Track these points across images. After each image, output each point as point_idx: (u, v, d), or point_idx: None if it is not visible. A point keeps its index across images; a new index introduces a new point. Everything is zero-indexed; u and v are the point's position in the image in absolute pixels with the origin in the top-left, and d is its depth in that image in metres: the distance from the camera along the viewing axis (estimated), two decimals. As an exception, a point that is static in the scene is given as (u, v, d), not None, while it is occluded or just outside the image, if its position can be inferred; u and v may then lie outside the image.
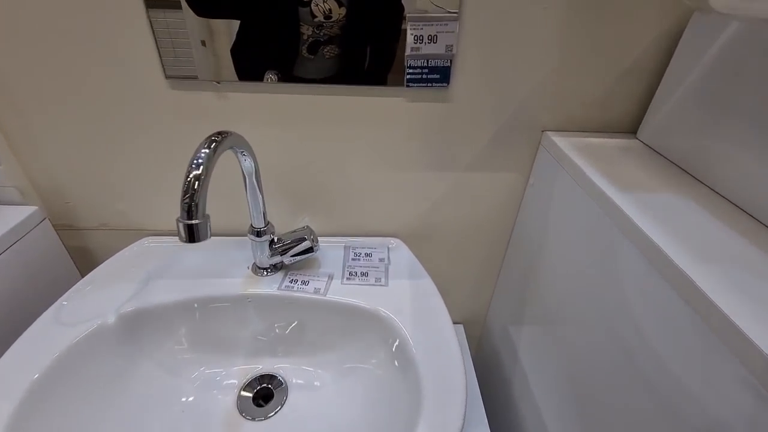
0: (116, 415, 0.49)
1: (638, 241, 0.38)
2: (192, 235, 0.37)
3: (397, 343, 0.51)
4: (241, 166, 0.48)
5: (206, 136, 0.40)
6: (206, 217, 0.37)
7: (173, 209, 0.62)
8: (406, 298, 0.56)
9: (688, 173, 0.48)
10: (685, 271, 0.32)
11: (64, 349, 0.47)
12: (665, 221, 0.39)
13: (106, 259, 0.59)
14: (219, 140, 0.40)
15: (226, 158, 0.44)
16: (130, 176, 0.59)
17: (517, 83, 0.53)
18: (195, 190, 0.37)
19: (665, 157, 0.51)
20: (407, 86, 0.51)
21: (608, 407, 0.44)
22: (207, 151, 0.39)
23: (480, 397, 0.66)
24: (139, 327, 0.53)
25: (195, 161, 0.38)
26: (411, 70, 0.50)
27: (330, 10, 0.46)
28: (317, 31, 0.47)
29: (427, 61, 0.50)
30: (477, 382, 0.68)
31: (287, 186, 0.61)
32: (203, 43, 0.48)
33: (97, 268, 0.57)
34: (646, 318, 0.38)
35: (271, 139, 0.55)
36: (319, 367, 0.59)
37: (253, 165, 0.48)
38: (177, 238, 0.64)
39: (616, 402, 0.42)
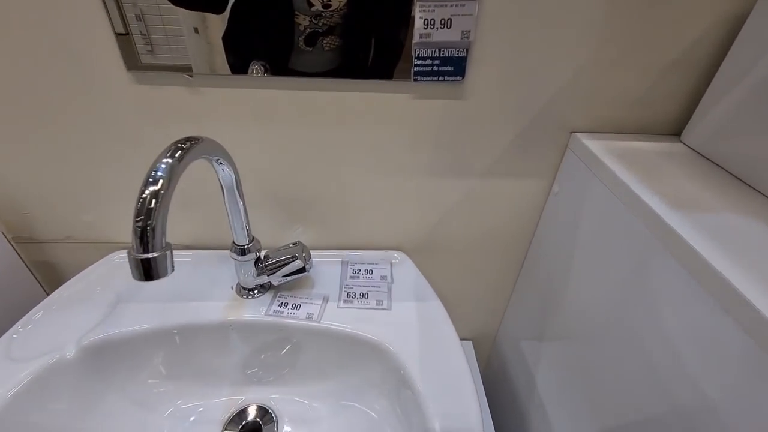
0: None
1: (701, 274, 0.31)
2: (148, 271, 0.29)
3: (402, 385, 0.44)
4: (218, 176, 0.40)
5: (174, 141, 0.33)
6: (166, 248, 0.30)
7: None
8: (413, 326, 0.48)
9: (747, 185, 0.40)
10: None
11: (14, 391, 0.40)
12: (734, 250, 0.31)
13: (74, 274, 0.52)
14: (186, 148, 0.33)
15: (204, 161, 0.37)
16: (95, 184, 0.51)
17: (544, 77, 0.45)
18: (151, 210, 0.29)
19: (717, 165, 0.44)
20: (415, 80, 0.43)
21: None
22: (169, 161, 0.31)
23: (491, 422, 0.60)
24: (104, 360, 0.46)
25: (152, 174, 0.30)
26: (419, 62, 0.42)
27: None
28: (315, 21, 0.40)
29: (439, 51, 0.42)
30: (486, 402, 0.62)
31: (276, 194, 0.53)
32: (195, 30, 0.40)
33: (57, 291, 0.50)
34: (689, 347, 0.31)
35: (257, 142, 0.48)
36: (315, 399, 0.52)
37: (232, 175, 0.40)
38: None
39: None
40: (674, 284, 0.34)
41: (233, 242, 0.47)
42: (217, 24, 0.40)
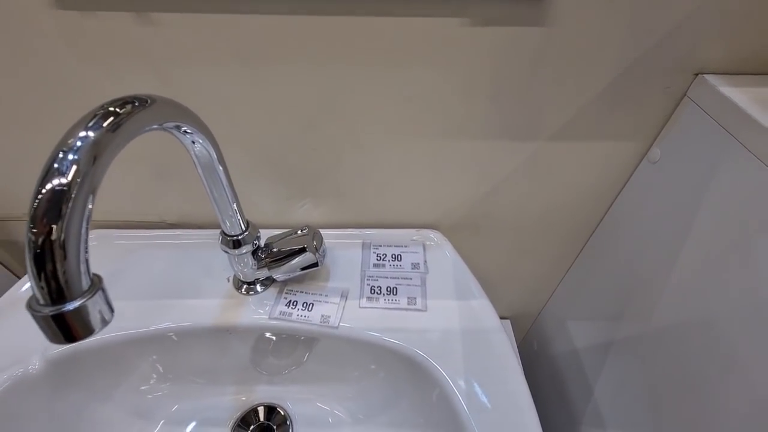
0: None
1: None
2: (67, 331, 0.18)
3: (439, 398, 0.35)
4: (188, 151, 0.28)
5: (101, 103, 0.20)
6: (94, 287, 0.19)
7: (121, 193, 0.44)
8: (456, 335, 0.38)
9: None
10: None
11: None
12: None
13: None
14: (125, 113, 0.20)
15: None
16: (46, 149, 0.39)
17: (673, -13, 0.29)
18: (58, 229, 0.18)
19: None
20: (476, -5, 0.28)
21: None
22: (91, 135, 0.19)
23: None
24: (80, 368, 0.38)
25: (57, 161, 0.18)
26: (486, -37, 0.27)
27: None
28: None
29: (520, -57, 0.26)
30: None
31: (276, 162, 0.41)
32: None
33: (16, 284, 0.41)
34: None
35: (246, 93, 0.34)
36: (337, 402, 0.44)
37: (208, 148, 0.28)
38: (131, 231, 0.46)
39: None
40: None
41: (222, 232, 0.36)
42: None
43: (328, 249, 0.42)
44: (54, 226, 0.17)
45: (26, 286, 0.41)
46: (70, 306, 0.18)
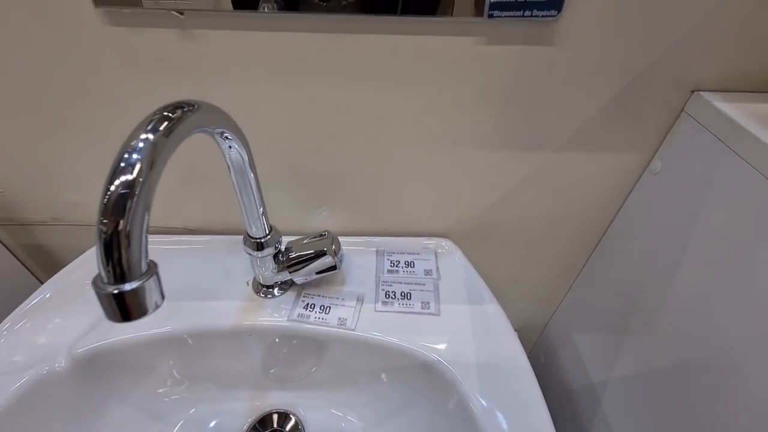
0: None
1: None
2: (124, 309, 0.20)
3: (456, 403, 0.36)
4: (224, 156, 0.30)
5: (158, 108, 0.22)
6: (149, 272, 0.21)
7: (145, 200, 0.46)
8: (468, 338, 0.39)
9: None
10: None
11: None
12: None
13: (69, 258, 0.44)
14: (176, 118, 0.22)
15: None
16: (79, 158, 0.41)
17: (668, 14, 0.32)
18: (124, 225, 0.19)
19: None
20: (490, 16, 0.31)
21: None
22: (151, 137, 0.21)
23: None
24: (103, 367, 0.39)
25: (123, 160, 0.20)
26: (500, -10, 0.30)
27: None
28: None
29: (530, -28, 0.29)
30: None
31: (297, 170, 0.43)
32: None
33: (44, 285, 0.42)
34: None
35: (273, 103, 0.37)
36: (350, 408, 0.45)
37: (243, 154, 0.30)
38: (157, 236, 0.48)
39: None
40: None
41: (246, 234, 0.38)
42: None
43: (345, 255, 0.43)
44: (121, 220, 0.19)
45: (49, 293, 0.42)
46: (129, 286, 0.19)
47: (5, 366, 0.36)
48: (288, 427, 0.44)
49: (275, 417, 0.45)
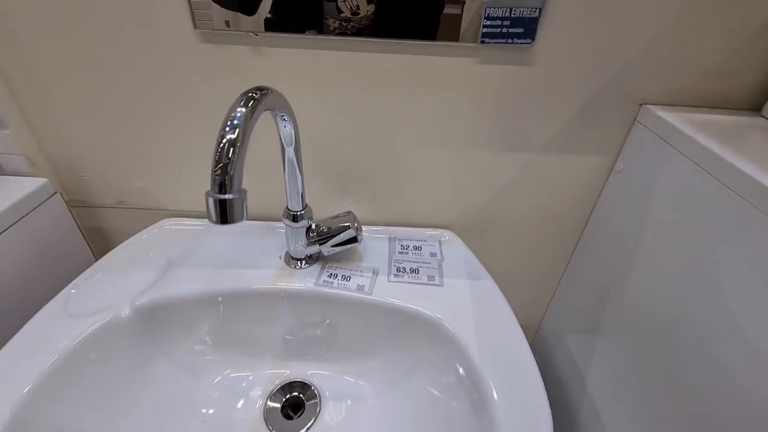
0: (129, 423, 0.42)
1: None
2: (224, 213, 0.28)
3: (457, 356, 0.42)
4: (279, 133, 0.39)
5: (245, 90, 0.32)
6: (243, 193, 0.29)
7: (197, 188, 0.55)
8: (467, 303, 0.47)
9: None
10: None
11: (71, 345, 0.40)
12: None
13: (122, 240, 0.52)
14: (258, 97, 0.32)
15: (257, 125, 0.36)
16: (151, 148, 0.51)
17: (617, 43, 0.42)
18: (229, 158, 0.29)
19: (810, 139, 0.41)
20: (482, 42, 0.42)
21: None
22: (243, 110, 0.30)
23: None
24: (156, 321, 0.46)
25: (230, 122, 0.30)
26: (488, 22, 0.41)
27: (357, 6, 0.40)
28: (344, 24, 0.41)
29: (511, 11, 0.40)
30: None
31: (327, 163, 0.52)
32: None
33: (111, 252, 0.50)
34: None
35: (312, 107, 0.47)
36: (362, 377, 0.51)
37: (293, 133, 0.39)
38: (200, 220, 0.57)
39: None
40: None
41: (286, 208, 0.46)
42: None
43: (361, 245, 0.52)
44: (228, 162, 0.28)
45: (117, 255, 0.50)
46: (230, 197, 0.28)
47: (80, 310, 0.43)
48: (306, 393, 0.50)
49: (294, 384, 0.51)
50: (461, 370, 0.42)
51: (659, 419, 0.44)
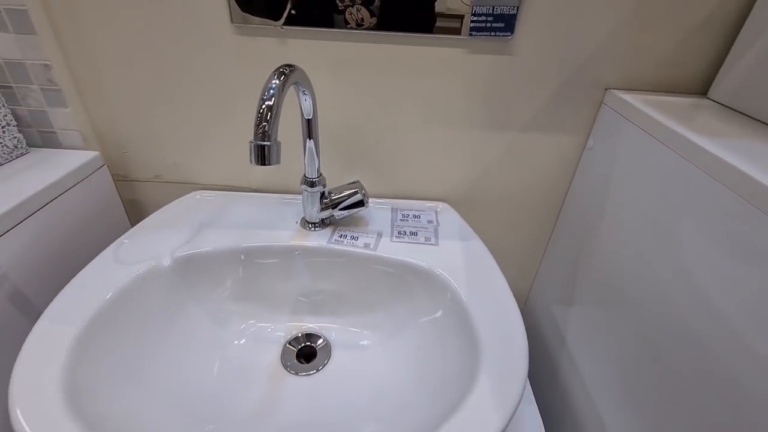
0: (165, 356, 0.49)
1: (738, 186, 0.35)
2: (263, 156, 0.36)
3: (449, 297, 0.50)
4: (300, 106, 0.48)
5: (280, 65, 0.40)
6: (277, 144, 0.37)
7: (225, 164, 0.63)
8: (458, 257, 0.54)
9: (772, 127, 0.45)
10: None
11: (122, 284, 0.47)
12: (758, 161, 0.36)
13: (155, 211, 0.60)
14: (288, 72, 0.40)
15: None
16: (187, 127, 0.59)
17: (583, 37, 0.51)
18: (267, 119, 0.37)
19: (744, 114, 0.48)
20: (470, 35, 0.50)
21: (671, 397, 0.42)
22: (277, 81, 0.39)
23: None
24: (191, 271, 0.53)
25: (267, 92, 0.38)
26: (475, 18, 0.49)
27: (362, 18, 0.49)
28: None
29: (493, 8, 0.49)
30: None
31: (339, 141, 0.60)
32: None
33: (149, 216, 0.58)
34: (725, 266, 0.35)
35: (326, 90, 0.55)
36: (366, 328, 0.58)
37: (312, 106, 0.47)
38: (227, 192, 0.65)
39: (679, 392, 0.40)
40: (716, 209, 0.38)
41: (304, 176, 0.54)
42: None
43: (366, 213, 0.59)
44: (267, 122, 0.36)
45: (155, 219, 0.58)
46: (267, 143, 0.36)
47: (128, 259, 0.51)
48: (318, 343, 0.57)
49: (306, 334, 0.58)
50: (452, 306, 0.49)
51: (637, 379, 0.49)
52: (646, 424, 0.46)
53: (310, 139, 0.50)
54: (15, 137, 0.54)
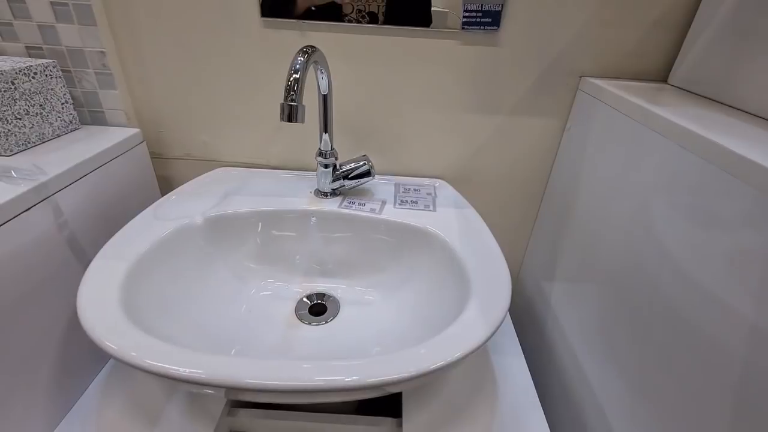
0: (196, 300, 0.56)
1: (690, 144, 0.43)
2: (291, 114, 0.45)
3: (444, 249, 0.57)
4: (318, 84, 0.56)
5: (303, 46, 0.49)
6: (303, 107, 0.46)
7: (248, 143, 0.71)
8: (453, 221, 0.61)
9: (719, 102, 0.53)
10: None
11: (162, 236, 0.55)
12: (708, 125, 0.43)
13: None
14: (310, 52, 0.49)
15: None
16: (216, 109, 0.68)
17: (559, 30, 0.60)
18: (295, 89, 0.45)
19: (697, 94, 0.57)
20: (463, 29, 0.59)
21: (645, 351, 0.48)
22: (302, 59, 0.47)
23: (516, 336, 0.70)
24: (219, 230, 0.61)
25: (294, 67, 0.46)
26: (467, 14, 0.58)
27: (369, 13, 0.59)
28: None
29: (482, 5, 0.58)
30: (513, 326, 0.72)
31: (349, 123, 0.69)
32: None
33: (179, 187, 0.66)
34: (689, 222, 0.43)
35: (338, 76, 0.64)
36: (371, 287, 0.65)
37: (328, 84, 0.56)
38: (249, 168, 0.73)
39: (653, 345, 0.47)
40: (678, 168, 0.46)
41: (319, 149, 0.62)
42: None
43: (372, 186, 0.67)
44: (295, 92, 0.45)
45: (186, 188, 0.66)
46: (295, 104, 0.44)
47: (166, 217, 0.58)
48: (328, 300, 0.64)
49: (318, 293, 0.65)
50: (448, 260, 0.56)
51: (613, 335, 0.55)
52: (622, 373, 0.52)
53: (325, 113, 0.59)
54: (71, 114, 0.63)
